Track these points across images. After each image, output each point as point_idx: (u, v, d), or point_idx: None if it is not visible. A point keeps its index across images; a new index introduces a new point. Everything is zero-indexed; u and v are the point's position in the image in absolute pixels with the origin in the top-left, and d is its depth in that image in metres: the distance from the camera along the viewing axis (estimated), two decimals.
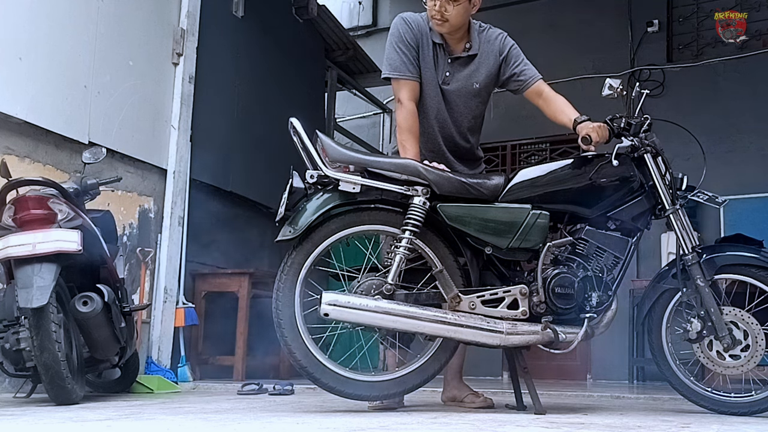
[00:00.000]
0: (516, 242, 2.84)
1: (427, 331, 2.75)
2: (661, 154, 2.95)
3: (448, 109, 3.20)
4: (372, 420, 2.48)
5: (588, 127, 2.92)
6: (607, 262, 2.88)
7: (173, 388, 4.35)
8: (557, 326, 2.79)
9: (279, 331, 2.76)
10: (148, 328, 4.75)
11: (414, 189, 2.81)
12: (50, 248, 2.99)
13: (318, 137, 2.83)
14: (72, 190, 3.41)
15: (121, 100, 4.61)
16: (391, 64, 3.16)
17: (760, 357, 2.81)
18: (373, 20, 8.72)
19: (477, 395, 3.23)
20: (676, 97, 6.85)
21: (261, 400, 3.55)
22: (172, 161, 5.00)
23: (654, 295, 2.98)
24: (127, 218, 4.68)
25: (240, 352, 5.13)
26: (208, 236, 5.38)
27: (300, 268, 2.78)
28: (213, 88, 5.46)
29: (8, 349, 3.02)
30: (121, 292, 3.66)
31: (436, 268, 2.82)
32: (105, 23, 4.50)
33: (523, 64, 3.22)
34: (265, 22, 6.31)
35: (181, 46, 5.08)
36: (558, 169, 2.95)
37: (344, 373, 2.77)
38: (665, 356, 2.96)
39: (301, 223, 2.74)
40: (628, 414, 2.91)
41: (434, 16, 3.08)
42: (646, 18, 7.26)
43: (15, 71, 3.92)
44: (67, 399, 3.03)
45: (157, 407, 3.05)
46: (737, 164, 6.54)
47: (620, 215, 2.92)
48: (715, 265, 2.87)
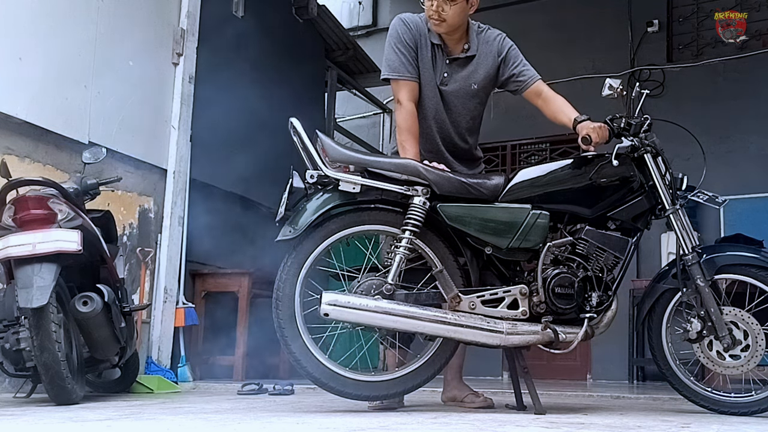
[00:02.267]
0: (516, 242, 2.84)
1: (427, 331, 2.75)
2: (661, 154, 2.94)
3: (446, 110, 3.20)
4: (372, 420, 2.48)
5: (588, 127, 2.93)
6: (607, 262, 2.88)
7: (173, 388, 4.35)
8: (557, 326, 2.79)
9: (279, 331, 2.76)
10: (148, 328, 4.75)
11: (414, 189, 2.81)
12: (50, 248, 2.99)
13: (318, 137, 2.83)
14: (72, 190, 3.41)
15: (121, 100, 4.61)
16: (390, 65, 3.16)
17: (760, 357, 2.81)
18: (373, 20, 8.72)
19: (477, 395, 3.23)
20: (676, 97, 6.85)
21: (261, 400, 3.55)
22: (172, 161, 4.99)
23: (654, 295, 2.98)
24: (127, 218, 4.67)
25: (240, 352, 5.13)
26: (208, 236, 5.38)
27: (300, 268, 2.78)
28: (213, 88, 5.45)
29: (8, 349, 3.03)
30: (121, 292, 3.66)
31: (436, 268, 2.82)
32: (105, 23, 4.50)
33: (521, 64, 3.22)
34: (265, 22, 6.31)
35: (181, 46, 5.08)
36: (558, 169, 2.95)
37: (344, 373, 2.78)
38: (665, 356, 2.96)
39: (301, 223, 2.75)
40: (628, 414, 2.91)
41: (432, 16, 3.08)
42: (646, 18, 7.26)
43: (15, 71, 3.92)
44: (67, 399, 3.03)
45: (157, 407, 3.04)
46: (737, 164, 6.53)
47: (620, 215, 2.91)
48: (715, 265, 2.86)
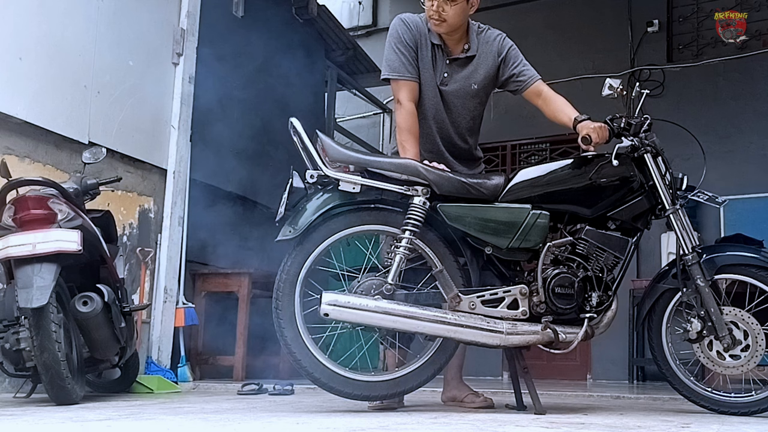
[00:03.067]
0: (516, 242, 2.84)
1: (427, 331, 2.75)
2: (661, 154, 2.94)
3: (446, 110, 3.20)
4: (372, 420, 2.48)
5: (588, 127, 2.92)
6: (607, 262, 2.88)
7: (173, 388, 4.35)
8: (557, 326, 2.79)
9: (279, 331, 2.76)
10: (148, 328, 4.75)
11: (414, 189, 2.81)
12: (50, 248, 2.99)
13: (318, 137, 2.83)
14: (72, 190, 3.41)
15: (121, 100, 4.61)
16: (390, 65, 3.16)
17: (760, 357, 2.81)
18: (373, 20, 8.71)
19: (477, 395, 3.23)
20: (676, 97, 6.85)
21: (261, 400, 3.55)
22: (172, 161, 5.00)
23: (654, 295, 2.98)
24: (127, 218, 4.67)
25: (240, 352, 5.12)
26: (208, 236, 5.38)
27: (300, 268, 2.78)
28: (213, 88, 5.46)
29: (8, 349, 3.03)
30: (121, 292, 3.66)
31: (436, 268, 2.82)
32: (105, 23, 4.50)
33: (521, 64, 3.22)
34: (265, 22, 6.31)
35: (181, 46, 5.07)
36: (558, 169, 2.95)
37: (344, 373, 2.78)
38: (665, 356, 2.96)
39: (301, 223, 2.75)
40: (628, 414, 2.91)
41: (432, 16, 3.08)
42: (646, 18, 7.26)
43: (15, 71, 3.92)
44: (67, 399, 3.03)
45: (157, 407, 3.04)
46: (737, 164, 6.53)
47: (620, 215, 2.91)
48: (715, 265, 2.87)
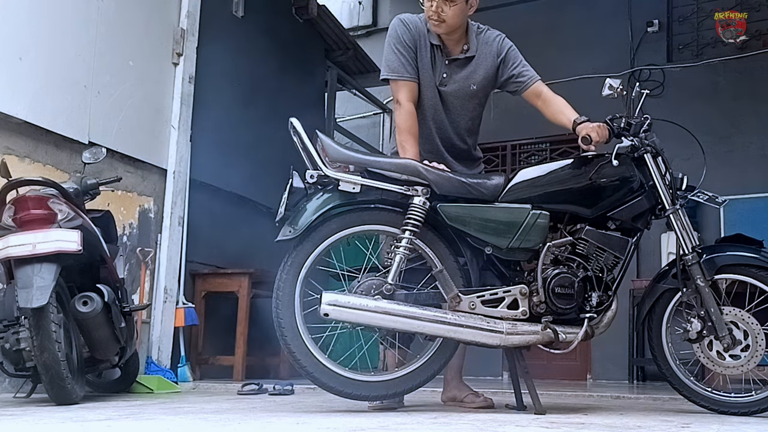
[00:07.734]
0: (516, 242, 2.84)
1: (427, 331, 2.75)
2: (661, 154, 2.94)
3: (445, 111, 3.20)
4: (372, 420, 2.48)
5: (588, 127, 2.92)
6: (607, 262, 2.88)
7: (173, 388, 4.35)
8: (557, 326, 2.79)
9: (279, 331, 2.76)
10: (148, 328, 4.75)
11: (414, 189, 2.81)
12: (50, 248, 2.99)
13: (318, 137, 2.83)
14: (72, 190, 3.41)
15: (121, 100, 4.61)
16: (390, 66, 3.16)
17: (760, 357, 2.81)
18: (373, 20, 8.72)
19: (477, 395, 3.23)
20: (676, 97, 6.84)
21: (261, 400, 3.55)
22: (172, 161, 5.00)
23: (654, 295, 2.98)
24: (127, 218, 4.68)
25: (240, 352, 5.12)
26: (208, 236, 5.38)
27: (300, 268, 2.78)
28: (213, 88, 5.46)
29: (8, 349, 3.03)
30: (121, 292, 3.66)
31: (436, 268, 2.82)
32: (105, 23, 4.50)
33: (521, 65, 3.22)
34: (265, 22, 6.31)
35: (181, 46, 5.08)
36: (558, 169, 2.95)
37: (344, 373, 2.77)
38: (665, 356, 2.96)
39: (301, 223, 2.74)
40: (628, 414, 2.91)
41: (431, 16, 3.08)
42: (646, 18, 7.26)
43: (15, 71, 3.92)
44: (67, 399, 3.03)
45: (157, 407, 3.04)
46: (737, 164, 6.54)
47: (620, 215, 2.91)
48: (715, 265, 2.86)
